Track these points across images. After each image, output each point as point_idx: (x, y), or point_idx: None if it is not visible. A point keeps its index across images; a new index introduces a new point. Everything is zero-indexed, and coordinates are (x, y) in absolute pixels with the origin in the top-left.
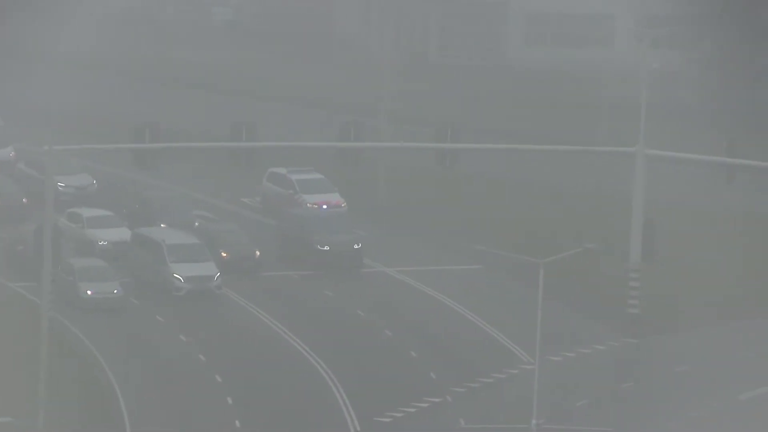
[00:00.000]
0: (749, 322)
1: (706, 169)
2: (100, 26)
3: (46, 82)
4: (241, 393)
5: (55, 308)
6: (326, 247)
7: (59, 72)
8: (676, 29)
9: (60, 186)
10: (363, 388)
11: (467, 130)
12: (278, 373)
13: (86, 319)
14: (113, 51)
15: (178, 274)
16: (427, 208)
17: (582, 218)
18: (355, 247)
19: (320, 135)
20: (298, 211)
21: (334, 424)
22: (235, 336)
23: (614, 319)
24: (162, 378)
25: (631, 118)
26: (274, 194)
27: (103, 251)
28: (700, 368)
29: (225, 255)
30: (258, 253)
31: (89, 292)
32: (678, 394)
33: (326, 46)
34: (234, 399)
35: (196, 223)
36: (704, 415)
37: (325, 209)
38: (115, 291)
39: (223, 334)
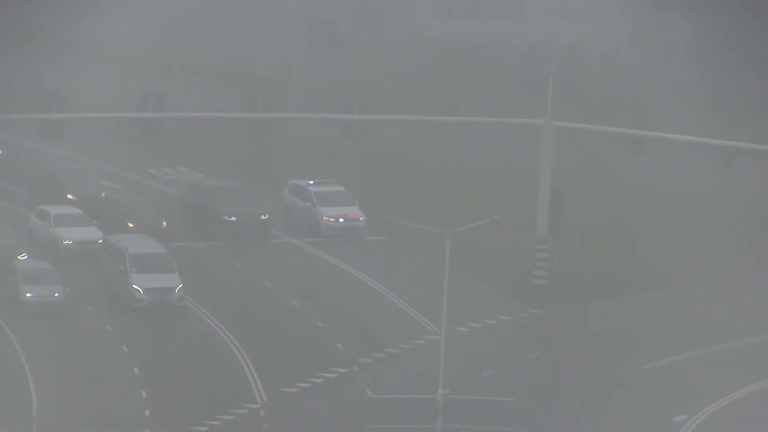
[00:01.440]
0: (656, 294)
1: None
2: None
3: None
4: (149, 369)
5: None
6: (233, 218)
7: None
8: (585, 2)
9: None
10: (270, 359)
11: (375, 103)
12: (184, 344)
13: (27, 323)
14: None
15: (138, 286)
16: (334, 179)
17: (491, 190)
18: (263, 218)
19: (230, 106)
20: (202, 180)
21: (240, 394)
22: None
23: (521, 290)
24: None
25: (539, 91)
26: (293, 206)
27: (68, 250)
28: (605, 339)
29: (131, 225)
30: (165, 223)
31: (29, 295)
32: (583, 365)
33: (237, 18)
34: (140, 369)
35: (103, 194)
36: (608, 385)
37: (341, 222)
38: (57, 294)
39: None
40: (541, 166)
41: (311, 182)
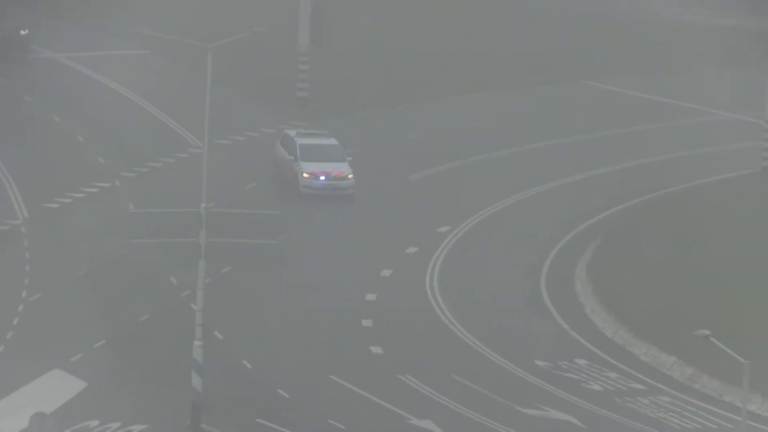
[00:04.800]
0: (423, 105)
1: None
2: None
3: None
4: None
5: None
6: None
7: None
8: None
9: None
10: (30, 175)
11: None
12: None
13: None
14: None
15: None
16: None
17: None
18: (22, 33)
19: None
20: None
21: (1, 211)
22: None
23: (283, 103)
24: None
25: None
26: (280, 159)
27: None
28: (369, 150)
29: None
30: None
31: None
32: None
33: None
34: None
35: None
36: (372, 195)
37: (321, 180)
38: None
39: None
40: None
41: (299, 132)
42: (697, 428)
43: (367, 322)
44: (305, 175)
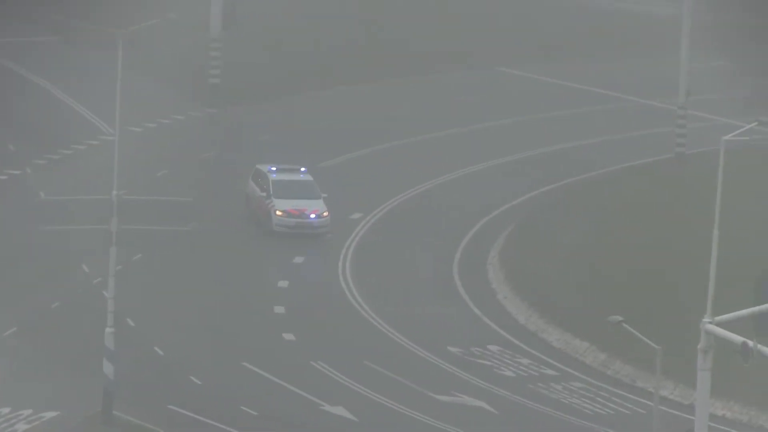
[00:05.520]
0: (329, 91)
1: None
2: None
3: None
4: None
5: None
6: None
7: None
8: None
9: None
10: None
11: None
12: None
13: None
14: None
15: None
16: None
17: None
18: None
19: None
20: None
21: None
22: None
23: (195, 89)
24: None
25: None
26: (252, 195)
27: None
28: (279, 137)
29: None
30: None
31: None
32: (259, 161)
33: None
34: None
35: None
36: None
37: (294, 219)
38: None
39: None
40: None
41: (273, 168)
42: (610, 413)
43: (279, 309)
44: (278, 213)
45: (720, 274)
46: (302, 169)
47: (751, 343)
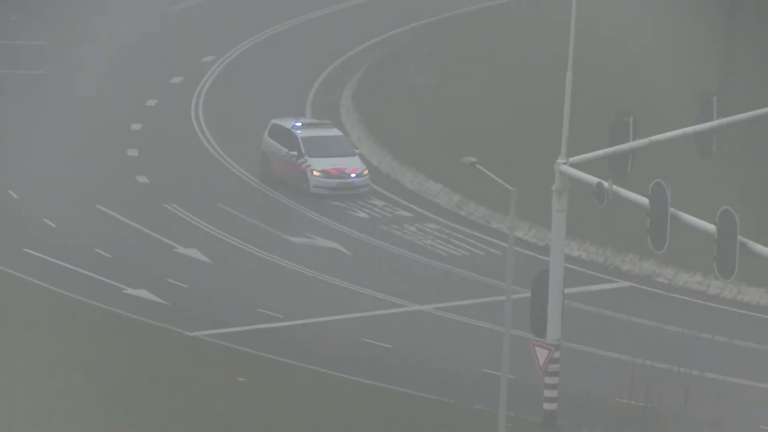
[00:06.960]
0: None
1: None
2: None
3: None
4: None
5: None
6: None
7: None
8: None
9: None
10: None
11: None
12: None
13: None
14: None
15: None
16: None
17: None
18: None
19: None
20: None
21: None
22: None
23: None
24: None
25: None
26: (275, 154)
27: None
28: None
29: None
30: None
31: None
32: None
33: None
34: None
35: None
36: None
37: (335, 179)
38: None
39: None
40: None
41: (298, 123)
42: (465, 254)
43: (132, 152)
44: (316, 173)
45: (575, 117)
46: (327, 122)
47: (606, 183)
